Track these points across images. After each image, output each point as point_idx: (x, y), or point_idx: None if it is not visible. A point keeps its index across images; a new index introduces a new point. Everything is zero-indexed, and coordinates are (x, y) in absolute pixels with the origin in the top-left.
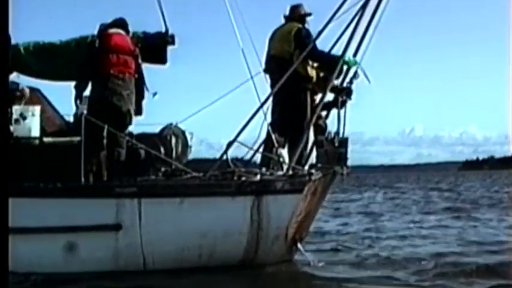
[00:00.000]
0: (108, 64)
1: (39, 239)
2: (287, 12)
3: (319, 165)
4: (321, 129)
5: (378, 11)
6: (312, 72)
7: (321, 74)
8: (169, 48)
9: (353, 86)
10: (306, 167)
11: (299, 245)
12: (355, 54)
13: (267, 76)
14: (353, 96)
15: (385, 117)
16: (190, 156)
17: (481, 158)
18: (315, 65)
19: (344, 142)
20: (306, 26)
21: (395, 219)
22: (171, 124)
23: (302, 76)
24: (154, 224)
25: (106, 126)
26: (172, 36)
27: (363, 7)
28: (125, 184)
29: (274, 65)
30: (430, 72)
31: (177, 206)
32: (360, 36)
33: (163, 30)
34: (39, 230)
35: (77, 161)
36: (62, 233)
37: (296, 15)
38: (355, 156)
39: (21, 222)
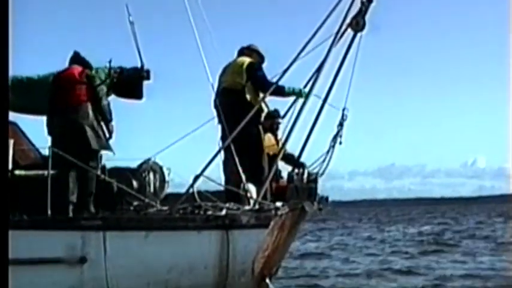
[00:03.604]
0: (60, 99)
1: None
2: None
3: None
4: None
5: (350, 51)
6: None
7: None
8: (145, 83)
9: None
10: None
11: (267, 281)
12: (327, 94)
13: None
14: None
15: (446, 149)
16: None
17: None
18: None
19: (314, 178)
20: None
21: None
22: (149, 159)
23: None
24: (119, 258)
25: (71, 158)
26: (148, 71)
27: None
28: (90, 217)
29: (226, 98)
30: (492, 103)
31: (142, 240)
32: (331, 76)
33: (139, 65)
34: None
35: (47, 194)
36: (26, 265)
37: (251, 49)
38: (417, 188)
39: None
